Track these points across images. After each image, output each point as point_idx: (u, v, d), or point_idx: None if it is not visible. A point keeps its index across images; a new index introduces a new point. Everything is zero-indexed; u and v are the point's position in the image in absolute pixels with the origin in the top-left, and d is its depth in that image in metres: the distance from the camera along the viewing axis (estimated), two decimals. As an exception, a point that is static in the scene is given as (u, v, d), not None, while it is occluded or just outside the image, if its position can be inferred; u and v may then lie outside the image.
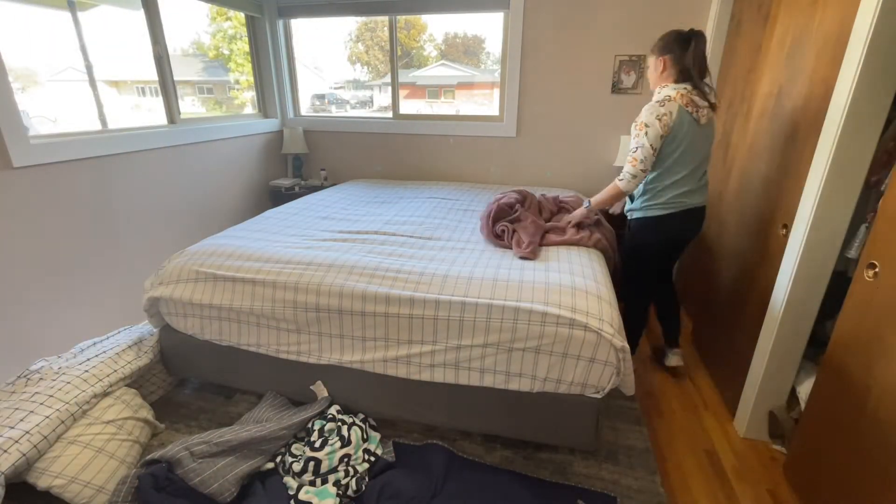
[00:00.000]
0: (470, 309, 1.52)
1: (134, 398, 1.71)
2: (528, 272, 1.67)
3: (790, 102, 1.71)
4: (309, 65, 3.71)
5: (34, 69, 2.14)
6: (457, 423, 1.68)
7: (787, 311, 1.59)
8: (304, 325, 1.68)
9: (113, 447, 1.52)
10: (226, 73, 3.49)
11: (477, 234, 2.17)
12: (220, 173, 3.06)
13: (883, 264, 1.21)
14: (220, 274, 1.76)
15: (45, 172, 1.96)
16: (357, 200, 2.80)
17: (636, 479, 1.56)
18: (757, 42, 2.08)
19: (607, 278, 1.74)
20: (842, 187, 1.43)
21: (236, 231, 2.17)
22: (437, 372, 1.60)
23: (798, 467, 1.55)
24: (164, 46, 2.60)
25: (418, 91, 3.63)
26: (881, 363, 1.20)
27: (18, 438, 1.35)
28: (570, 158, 3.17)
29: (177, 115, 2.72)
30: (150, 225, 2.52)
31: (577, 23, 2.87)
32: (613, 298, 1.60)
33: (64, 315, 2.08)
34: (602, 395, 1.50)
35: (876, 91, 1.32)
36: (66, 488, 1.38)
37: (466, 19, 3.33)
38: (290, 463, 1.53)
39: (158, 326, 1.94)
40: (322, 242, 2.01)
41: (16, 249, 1.87)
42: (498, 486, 1.51)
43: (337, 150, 3.68)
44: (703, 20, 2.67)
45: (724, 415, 1.92)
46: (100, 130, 2.31)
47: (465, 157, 3.40)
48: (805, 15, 1.68)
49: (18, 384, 1.60)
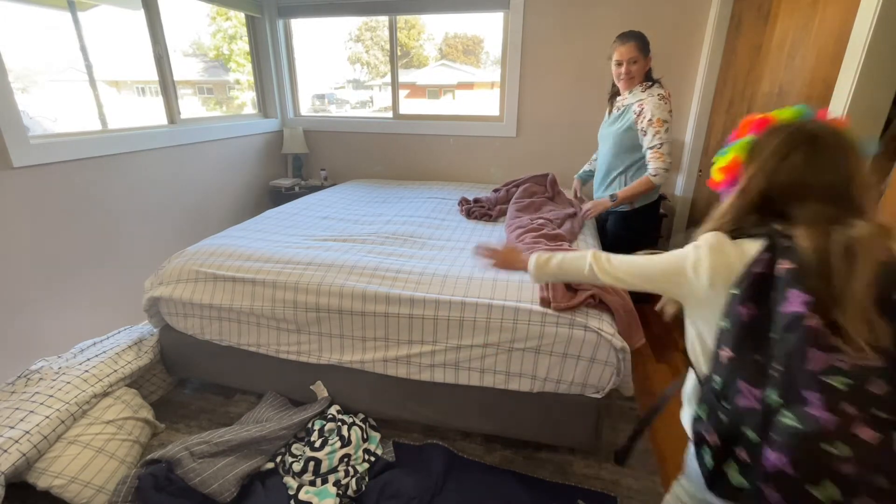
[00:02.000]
0: (470, 309, 1.52)
1: (134, 398, 1.71)
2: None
3: (790, 102, 1.71)
4: (309, 64, 3.71)
5: (34, 69, 2.14)
6: (457, 423, 1.68)
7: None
8: (304, 325, 1.68)
9: (113, 447, 1.52)
10: (226, 73, 3.50)
11: (477, 234, 2.17)
12: (220, 173, 3.06)
13: (883, 264, 1.21)
14: (220, 274, 1.76)
15: (45, 172, 1.96)
16: (357, 200, 2.80)
17: (636, 479, 1.55)
18: (757, 42, 2.08)
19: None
20: (842, 187, 1.43)
21: (236, 231, 2.17)
22: (437, 372, 1.60)
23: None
24: (164, 46, 2.60)
25: (418, 91, 3.63)
26: (881, 363, 1.19)
27: (18, 438, 1.35)
28: (571, 158, 3.17)
29: (177, 115, 2.72)
30: (149, 225, 2.52)
31: (577, 23, 2.87)
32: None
33: (64, 315, 2.08)
34: (602, 395, 1.50)
35: (876, 91, 1.32)
36: (66, 488, 1.38)
37: (466, 19, 3.33)
38: (290, 463, 1.53)
39: (158, 326, 1.94)
40: (322, 242, 2.01)
41: (16, 249, 1.87)
42: (498, 486, 1.51)
43: (337, 150, 3.68)
44: (703, 20, 2.67)
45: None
46: (100, 130, 2.31)
47: (465, 157, 3.39)
48: (805, 15, 1.68)
49: (18, 384, 1.60)
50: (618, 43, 1.93)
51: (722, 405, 0.71)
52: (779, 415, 0.61)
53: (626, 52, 1.90)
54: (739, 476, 0.68)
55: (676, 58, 2.76)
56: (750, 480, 0.66)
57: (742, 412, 0.67)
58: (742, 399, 0.67)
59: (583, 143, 3.11)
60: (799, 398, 0.60)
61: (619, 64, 1.93)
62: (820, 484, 0.57)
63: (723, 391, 0.71)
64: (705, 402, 0.76)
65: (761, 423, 0.64)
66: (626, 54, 1.90)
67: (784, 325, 0.64)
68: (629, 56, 1.90)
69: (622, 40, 1.92)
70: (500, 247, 1.28)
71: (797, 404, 0.60)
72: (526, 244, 1.87)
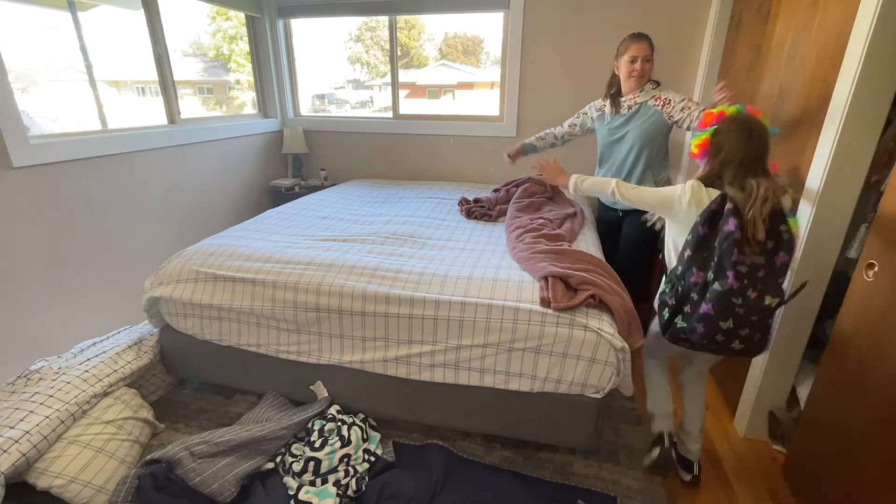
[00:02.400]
0: (470, 309, 1.52)
1: (134, 398, 1.71)
2: (527, 272, 1.67)
3: (790, 102, 1.71)
4: (309, 64, 3.71)
5: (34, 69, 2.14)
6: (457, 423, 1.68)
7: (787, 311, 1.59)
8: (304, 325, 1.68)
9: (113, 447, 1.52)
10: (226, 73, 3.49)
11: (477, 234, 2.17)
12: (220, 173, 3.06)
13: (883, 264, 1.21)
14: (220, 274, 1.75)
15: (45, 172, 1.96)
16: (357, 200, 2.80)
17: (636, 479, 1.55)
18: (757, 42, 2.08)
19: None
20: (842, 187, 1.43)
21: (236, 231, 2.17)
22: (437, 372, 1.60)
23: (798, 467, 1.55)
24: (164, 46, 2.60)
25: (418, 91, 3.63)
26: (881, 363, 1.20)
27: (18, 438, 1.35)
28: (571, 158, 3.16)
29: (177, 115, 2.72)
30: (149, 225, 2.52)
31: (577, 23, 2.87)
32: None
33: (64, 315, 2.08)
34: (602, 395, 1.50)
35: (876, 91, 1.32)
36: (66, 488, 1.37)
37: (466, 19, 3.33)
38: (290, 463, 1.53)
39: (158, 326, 1.94)
40: (322, 242, 2.01)
41: (16, 249, 1.87)
42: (498, 486, 1.51)
43: (337, 150, 3.68)
44: (703, 20, 2.67)
45: (725, 415, 1.92)
46: (100, 130, 2.31)
47: (465, 157, 3.39)
48: (805, 15, 1.67)
49: (18, 384, 1.60)
50: (631, 41, 1.95)
51: (680, 282, 1.28)
52: (712, 284, 1.19)
53: (642, 49, 1.93)
54: (683, 322, 1.28)
55: (676, 58, 2.76)
56: (688, 323, 1.26)
57: (691, 285, 1.24)
58: (693, 277, 1.23)
59: (583, 143, 3.11)
60: (724, 275, 1.16)
61: (634, 60, 1.95)
62: (727, 320, 1.19)
63: (681, 275, 1.28)
64: (670, 282, 1.33)
65: (701, 289, 1.22)
66: (641, 51, 1.93)
67: (723, 237, 1.16)
68: (644, 54, 1.93)
69: (636, 39, 1.94)
70: (549, 162, 1.85)
71: (723, 279, 1.16)
72: (526, 244, 1.87)
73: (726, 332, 1.20)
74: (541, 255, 1.73)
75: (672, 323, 1.30)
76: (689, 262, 1.23)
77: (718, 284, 1.16)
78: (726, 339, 1.21)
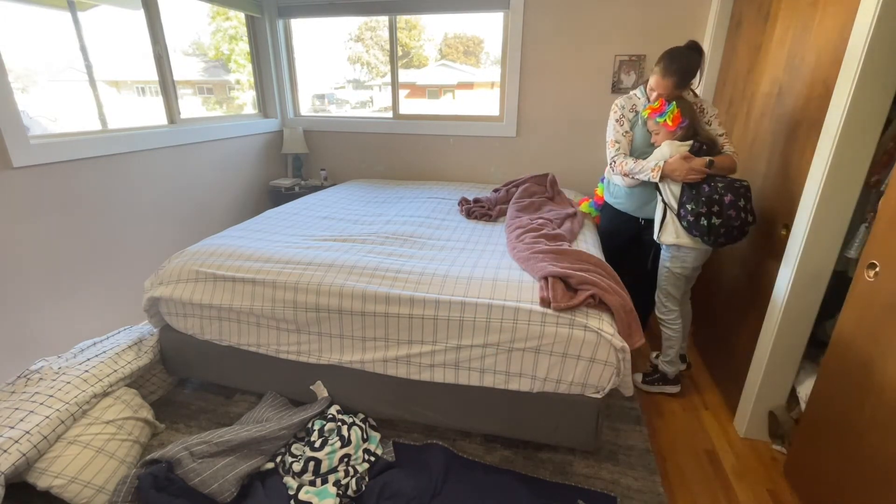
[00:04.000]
0: (470, 309, 1.52)
1: (134, 398, 1.71)
2: (528, 272, 1.67)
3: (790, 102, 1.71)
4: (309, 64, 3.71)
5: (34, 69, 2.14)
6: (457, 423, 1.68)
7: (787, 311, 1.59)
8: (304, 325, 1.68)
9: (113, 447, 1.52)
10: (226, 73, 3.49)
11: (477, 234, 2.17)
12: (220, 173, 3.07)
13: (883, 264, 1.21)
14: (220, 274, 1.75)
15: (45, 172, 1.96)
16: (357, 200, 2.80)
17: (636, 479, 1.56)
18: (757, 42, 2.08)
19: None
20: (842, 187, 1.43)
21: (236, 231, 2.17)
22: (437, 372, 1.60)
23: (798, 467, 1.55)
24: (164, 46, 2.60)
25: (418, 91, 3.63)
26: (881, 363, 1.20)
27: (18, 438, 1.35)
28: (571, 158, 3.17)
29: (177, 115, 2.72)
30: (150, 225, 2.52)
31: (577, 23, 2.87)
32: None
33: (64, 315, 2.08)
34: (602, 395, 1.50)
35: (876, 91, 1.32)
36: (66, 488, 1.38)
37: (466, 19, 3.32)
38: (290, 463, 1.53)
39: (158, 326, 1.94)
40: (322, 242, 2.01)
41: (16, 249, 1.87)
42: (498, 486, 1.51)
43: (337, 150, 3.68)
44: (703, 20, 2.67)
45: (725, 415, 1.92)
46: (100, 130, 2.31)
47: (465, 157, 3.39)
48: (805, 15, 1.67)
49: (18, 384, 1.60)
50: (659, 72, 1.78)
51: (700, 200, 1.67)
52: (719, 183, 1.67)
53: (663, 87, 1.79)
54: (717, 219, 1.64)
55: (676, 58, 2.76)
56: (722, 217, 1.64)
57: (706, 191, 1.67)
58: (705, 187, 1.69)
59: (583, 143, 3.11)
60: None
61: (653, 90, 1.84)
62: (740, 199, 1.64)
63: (694, 187, 1.70)
64: (693, 202, 1.68)
65: (714, 190, 1.65)
66: (660, 88, 1.79)
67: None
68: (663, 92, 1.79)
69: (664, 73, 1.76)
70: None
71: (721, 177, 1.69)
72: (526, 244, 1.87)
73: (744, 210, 1.61)
74: (541, 255, 1.73)
75: (711, 225, 1.64)
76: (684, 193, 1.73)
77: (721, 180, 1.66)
78: (744, 217, 1.62)
